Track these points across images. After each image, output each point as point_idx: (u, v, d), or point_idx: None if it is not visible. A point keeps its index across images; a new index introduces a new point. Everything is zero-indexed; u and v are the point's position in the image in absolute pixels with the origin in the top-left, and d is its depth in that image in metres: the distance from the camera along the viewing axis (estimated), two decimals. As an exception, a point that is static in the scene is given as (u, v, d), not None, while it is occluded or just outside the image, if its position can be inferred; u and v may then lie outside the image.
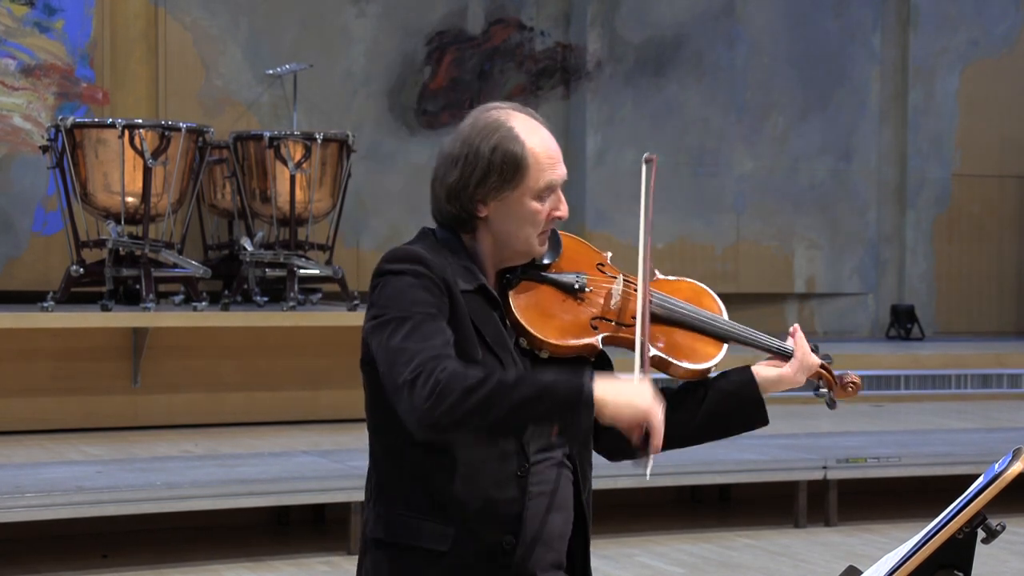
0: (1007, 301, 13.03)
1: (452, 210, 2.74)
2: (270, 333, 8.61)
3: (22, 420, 8.07)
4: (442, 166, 2.76)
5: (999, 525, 2.35)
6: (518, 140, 2.72)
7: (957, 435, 8.61)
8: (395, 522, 2.69)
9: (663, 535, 7.14)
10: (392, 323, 2.60)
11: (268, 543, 6.87)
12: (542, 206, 2.75)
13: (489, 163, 2.71)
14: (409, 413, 2.53)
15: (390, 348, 2.58)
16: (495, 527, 2.67)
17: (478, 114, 2.78)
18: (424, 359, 2.54)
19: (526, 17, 11.46)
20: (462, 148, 2.73)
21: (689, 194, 11.83)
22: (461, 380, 2.51)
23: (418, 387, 2.50)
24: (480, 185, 2.71)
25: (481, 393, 2.50)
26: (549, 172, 2.75)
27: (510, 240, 2.76)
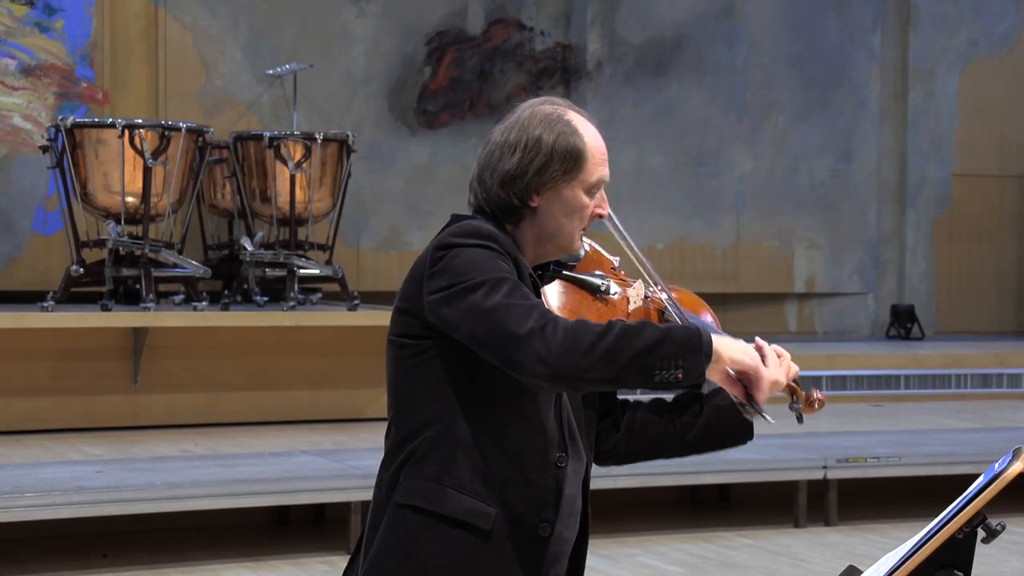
0: (1007, 301, 13.03)
1: (504, 197, 2.75)
2: (270, 333, 8.61)
3: (22, 420, 8.07)
4: (495, 152, 2.77)
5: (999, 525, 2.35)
6: (578, 133, 2.77)
7: (957, 435, 8.60)
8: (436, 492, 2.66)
9: (663, 535, 7.14)
10: (486, 284, 2.59)
11: (268, 543, 6.87)
12: (590, 201, 2.80)
13: (552, 152, 2.74)
14: (542, 359, 2.51)
15: (494, 304, 2.56)
16: (535, 512, 2.69)
17: (535, 106, 2.81)
18: (543, 310, 2.57)
19: (526, 17, 11.46)
20: (520, 135, 2.75)
21: (689, 194, 11.82)
22: (590, 327, 2.54)
23: (548, 333, 2.52)
24: (539, 173, 2.74)
25: (611, 337, 2.52)
26: (602, 168, 2.82)
27: (555, 232, 2.78)
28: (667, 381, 2.55)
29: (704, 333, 2.57)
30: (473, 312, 2.58)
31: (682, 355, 2.54)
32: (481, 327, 2.57)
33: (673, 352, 2.54)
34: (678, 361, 2.54)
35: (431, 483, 2.67)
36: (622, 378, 2.55)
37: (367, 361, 8.50)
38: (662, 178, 11.75)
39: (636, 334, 2.54)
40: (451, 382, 2.67)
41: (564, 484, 2.73)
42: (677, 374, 2.55)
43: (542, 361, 2.52)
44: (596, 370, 2.52)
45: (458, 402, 2.66)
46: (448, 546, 2.66)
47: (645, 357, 2.52)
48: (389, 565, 2.68)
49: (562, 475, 2.72)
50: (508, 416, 2.68)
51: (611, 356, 2.52)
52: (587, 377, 2.54)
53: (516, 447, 2.68)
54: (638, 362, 2.53)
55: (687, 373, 2.55)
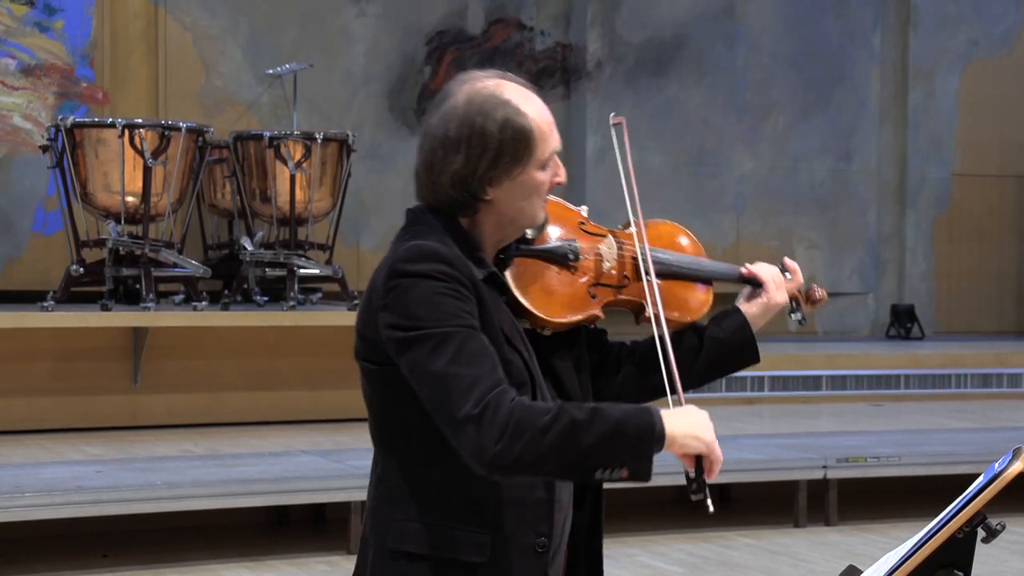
0: (1007, 301, 13.03)
1: (455, 196, 2.56)
2: (270, 333, 8.61)
3: (22, 420, 8.07)
4: (439, 150, 2.55)
5: (999, 525, 2.35)
6: (521, 113, 2.56)
7: (957, 435, 8.60)
8: (427, 532, 2.53)
9: (663, 535, 7.14)
10: (431, 340, 2.42)
11: (268, 543, 6.87)
12: (546, 175, 2.62)
13: (500, 144, 2.54)
14: (476, 453, 2.38)
15: (436, 372, 2.41)
16: (528, 529, 2.57)
17: (466, 88, 2.58)
18: (485, 390, 2.39)
19: (526, 17, 11.46)
20: (462, 129, 2.54)
21: (689, 194, 11.82)
22: (533, 419, 2.38)
23: (485, 425, 2.36)
24: (491, 168, 2.54)
25: (554, 435, 2.37)
26: (552, 140, 2.62)
27: (516, 216, 2.61)
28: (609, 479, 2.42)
29: (658, 424, 2.43)
30: (416, 372, 2.44)
31: (630, 453, 2.42)
32: (424, 392, 2.44)
33: (624, 450, 2.41)
34: (624, 459, 2.42)
35: (420, 524, 2.54)
36: (562, 475, 2.47)
37: (367, 361, 8.48)
38: (662, 178, 11.74)
39: (584, 430, 2.38)
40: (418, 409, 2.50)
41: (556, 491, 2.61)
42: (621, 472, 2.42)
43: (476, 455, 2.38)
44: (533, 469, 2.40)
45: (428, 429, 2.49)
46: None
47: (588, 458, 2.39)
48: None
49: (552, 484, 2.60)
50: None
51: (551, 457, 2.38)
52: (522, 473, 2.41)
53: None
54: (581, 464, 2.40)
55: (633, 472, 2.43)
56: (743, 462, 7.38)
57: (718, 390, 9.79)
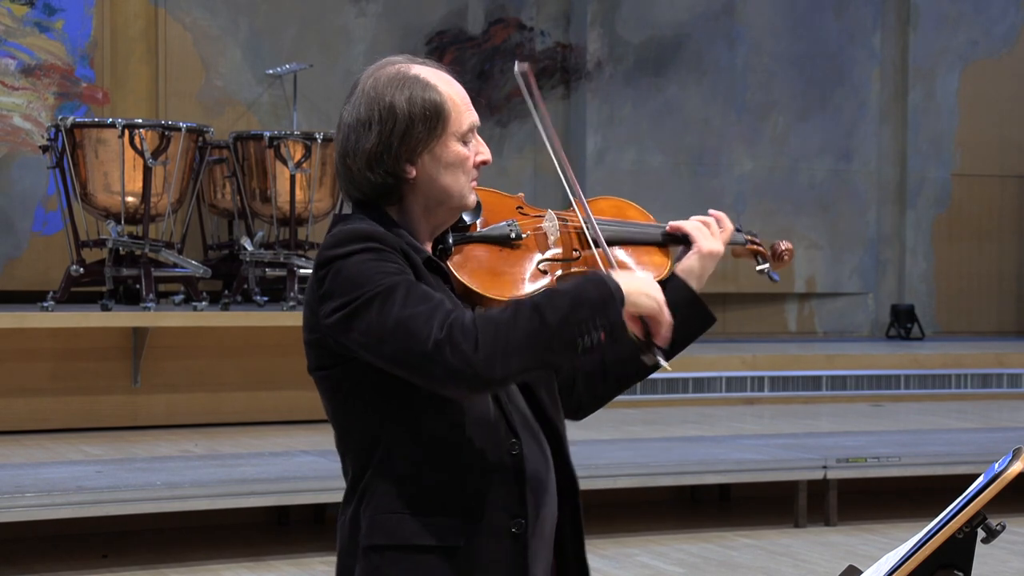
0: (1007, 301, 13.03)
1: (376, 179, 2.51)
2: (270, 333, 8.61)
3: (22, 420, 8.07)
4: (352, 135, 2.54)
5: (999, 525, 2.35)
6: (431, 86, 2.53)
7: (957, 435, 8.60)
8: (397, 523, 2.51)
9: (663, 535, 7.13)
10: (377, 298, 2.38)
11: (268, 543, 6.87)
12: (468, 151, 2.55)
13: (409, 115, 2.50)
14: (460, 371, 2.32)
15: (392, 321, 2.36)
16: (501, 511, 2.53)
17: (374, 72, 2.59)
18: (445, 313, 2.35)
19: (526, 17, 11.46)
20: (371, 108, 2.53)
21: (689, 194, 11.82)
22: (496, 320, 2.34)
23: (456, 339, 2.32)
24: (404, 141, 2.50)
25: (523, 323, 2.33)
26: (468, 113, 2.56)
27: (443, 195, 2.54)
28: (592, 346, 2.36)
29: (612, 281, 2.39)
30: (373, 334, 2.38)
31: (599, 313, 2.36)
32: (387, 350, 2.37)
33: (593, 312, 2.35)
34: (596, 321, 2.36)
35: (390, 515, 2.52)
36: (549, 361, 2.39)
37: (367, 361, 8.49)
38: (662, 178, 11.75)
39: (547, 309, 2.35)
40: (376, 405, 2.50)
41: (525, 470, 2.55)
42: (600, 335, 2.36)
43: (459, 373, 2.33)
44: (520, 362, 2.34)
45: (389, 424, 2.50)
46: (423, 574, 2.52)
47: (563, 331, 2.35)
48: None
49: (519, 462, 2.55)
50: (443, 423, 2.50)
51: (531, 343, 2.34)
52: (513, 372, 2.36)
53: (461, 452, 2.51)
54: (559, 339, 2.34)
55: (610, 329, 2.37)
56: (743, 462, 7.38)
57: (718, 390, 9.80)
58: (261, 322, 8.53)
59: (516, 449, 2.56)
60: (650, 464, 7.05)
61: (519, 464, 2.56)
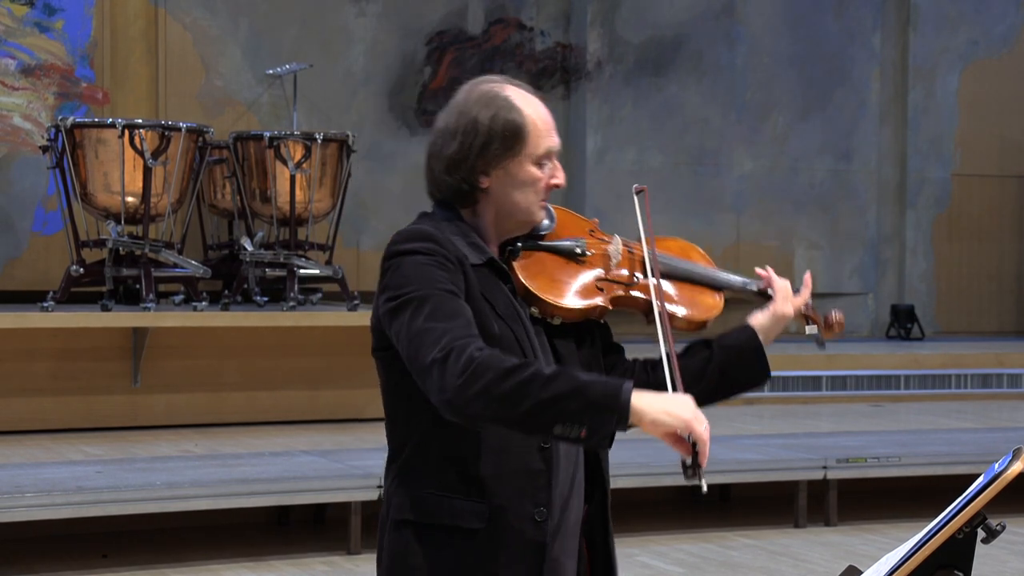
0: (1007, 301, 13.03)
1: (453, 182, 2.73)
2: (270, 333, 8.61)
3: (22, 420, 8.07)
4: (439, 140, 2.77)
5: (999, 525, 2.35)
6: (516, 108, 2.73)
7: (957, 435, 8.60)
8: (426, 502, 2.66)
9: (663, 535, 7.14)
10: (412, 303, 2.57)
11: (268, 543, 6.87)
12: (542, 173, 2.75)
13: (490, 131, 2.71)
14: (438, 392, 2.48)
15: (414, 330, 2.55)
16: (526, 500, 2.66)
17: (471, 87, 2.79)
18: (453, 337, 2.51)
19: (526, 17, 11.46)
20: (459, 119, 2.75)
21: (689, 194, 11.82)
22: (497, 362, 2.46)
23: (449, 364, 2.47)
24: (482, 154, 2.71)
25: (516, 379, 2.44)
26: (547, 139, 2.75)
27: (512, 209, 2.75)
28: (568, 437, 2.45)
29: (624, 394, 2.44)
30: (399, 336, 2.59)
31: (589, 414, 2.43)
32: (404, 353, 2.58)
33: (579, 409, 2.43)
34: (583, 419, 2.43)
35: (420, 493, 2.67)
36: (520, 426, 2.48)
37: (367, 361, 8.38)
38: (662, 178, 11.74)
39: (545, 382, 2.44)
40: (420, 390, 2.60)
41: (554, 463, 2.68)
42: (580, 432, 2.44)
43: (438, 393, 2.48)
44: (491, 412, 2.46)
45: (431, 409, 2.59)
46: (446, 552, 2.65)
47: (546, 410, 2.44)
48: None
49: (550, 455, 2.68)
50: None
51: (509, 401, 2.44)
52: (481, 417, 2.48)
53: (496, 439, 2.64)
54: (538, 413, 2.44)
55: (591, 433, 2.44)
56: (743, 462, 7.39)
57: (718, 390, 9.79)
58: (261, 322, 8.53)
59: (547, 442, 2.68)
60: (650, 464, 7.05)
61: (549, 456, 2.69)
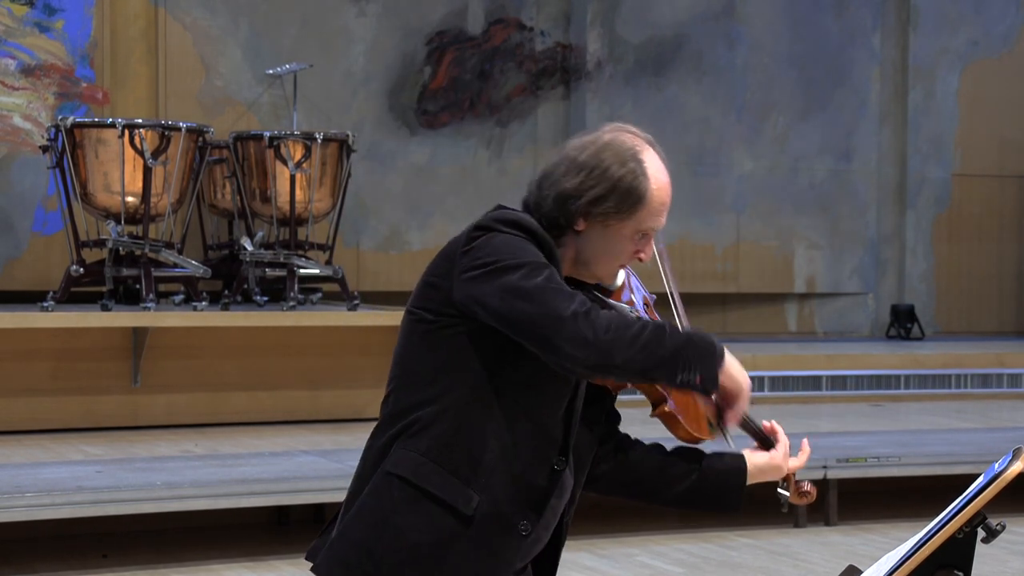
0: (1007, 301, 13.03)
1: (553, 212, 2.73)
2: (270, 333, 8.61)
3: (22, 420, 8.06)
4: (562, 166, 2.76)
5: (999, 525, 2.36)
6: (647, 176, 2.75)
7: (957, 435, 8.60)
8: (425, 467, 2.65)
9: (663, 535, 7.13)
10: (525, 267, 2.59)
11: (268, 543, 6.87)
12: (634, 245, 2.78)
13: (614, 187, 2.72)
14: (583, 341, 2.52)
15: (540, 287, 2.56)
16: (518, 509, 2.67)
17: (617, 134, 2.83)
18: (584, 297, 2.58)
19: (526, 17, 11.46)
20: (591, 159, 2.74)
21: (689, 194, 11.82)
22: (628, 320, 2.59)
23: (593, 318, 2.54)
24: (595, 203, 2.72)
25: (648, 333, 2.56)
26: (656, 219, 2.78)
27: (591, 262, 2.77)
28: (687, 383, 2.60)
29: (718, 343, 2.63)
30: (510, 291, 2.57)
31: (703, 360, 2.59)
32: (519, 307, 2.56)
33: (696, 356, 2.59)
34: (699, 365, 2.59)
35: (422, 457, 2.65)
36: (652, 373, 2.60)
37: (367, 361, 8.50)
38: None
39: (667, 334, 2.59)
40: (461, 364, 2.65)
41: (554, 489, 2.72)
42: (696, 377, 2.59)
43: (585, 343, 2.53)
44: (634, 361, 2.56)
45: (464, 385, 2.64)
46: (427, 522, 2.64)
47: (675, 357, 2.57)
48: (364, 530, 2.67)
49: (556, 479, 2.72)
50: (512, 408, 2.66)
51: (649, 350, 2.55)
52: (623, 366, 2.57)
53: (513, 440, 2.66)
54: (670, 361, 2.57)
55: (704, 378, 2.60)
56: (743, 462, 7.37)
57: (718, 390, 9.78)
58: (261, 322, 8.53)
59: (560, 465, 2.73)
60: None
61: (555, 479, 2.72)
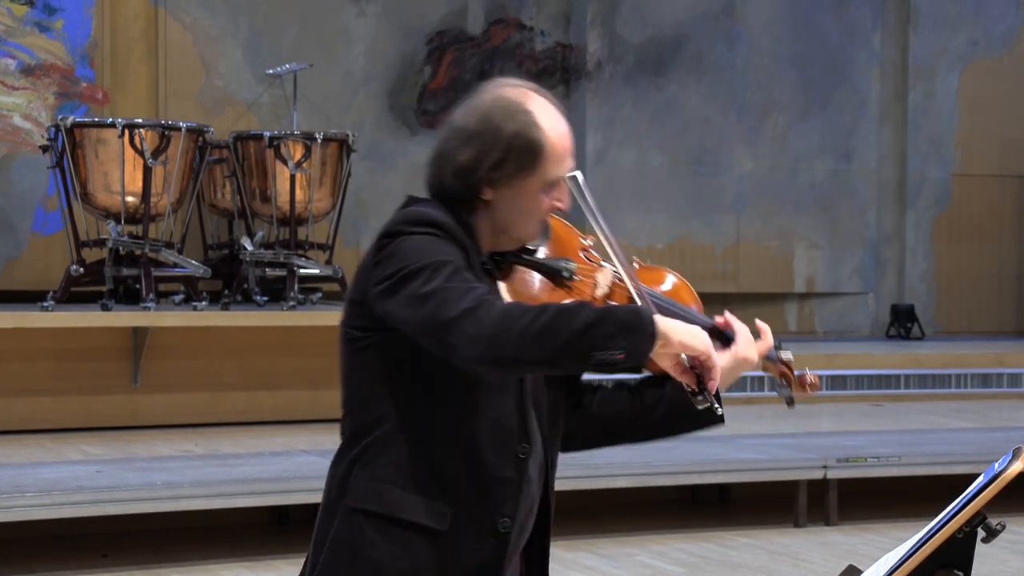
0: (1007, 301, 13.03)
1: (456, 189, 2.61)
2: (270, 333, 8.61)
3: (22, 420, 8.07)
4: (453, 140, 2.62)
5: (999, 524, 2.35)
6: (538, 127, 2.60)
7: (957, 435, 8.60)
8: (390, 493, 2.57)
9: (663, 535, 7.13)
10: (428, 269, 2.46)
11: (268, 543, 6.87)
12: (547, 197, 2.64)
13: (508, 148, 2.58)
14: (471, 342, 2.38)
15: (434, 289, 2.43)
16: (493, 509, 2.58)
17: (496, 91, 2.65)
18: (481, 293, 2.42)
19: (526, 17, 11.46)
20: (480, 125, 2.59)
21: (689, 194, 11.82)
22: (524, 307, 2.41)
23: (481, 312, 2.38)
24: (494, 169, 2.58)
25: (545, 317, 2.37)
26: (562, 165, 2.64)
27: (509, 227, 2.63)
28: (607, 362, 2.39)
29: (648, 313, 2.43)
30: (411, 299, 2.46)
31: (623, 335, 2.38)
32: (418, 314, 2.44)
33: (612, 332, 2.38)
34: (619, 341, 2.38)
35: (384, 484, 2.57)
36: (558, 360, 2.40)
37: (367, 361, 8.49)
38: (662, 178, 11.74)
39: (573, 314, 2.39)
40: (401, 377, 2.56)
41: (525, 477, 2.61)
42: (617, 355, 2.39)
43: (474, 342, 2.38)
44: (531, 352, 2.37)
45: (409, 397, 2.55)
46: (403, 550, 2.56)
47: (582, 337, 2.37)
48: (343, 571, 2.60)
49: (523, 467, 2.61)
50: (462, 410, 2.56)
51: (545, 337, 2.36)
52: (522, 359, 2.39)
53: (472, 442, 2.56)
54: (575, 343, 2.37)
55: (629, 353, 2.39)
56: (743, 462, 7.38)
57: (718, 390, 9.78)
58: (261, 322, 8.53)
59: (524, 453, 2.62)
60: (650, 464, 7.04)
61: (523, 468, 2.61)
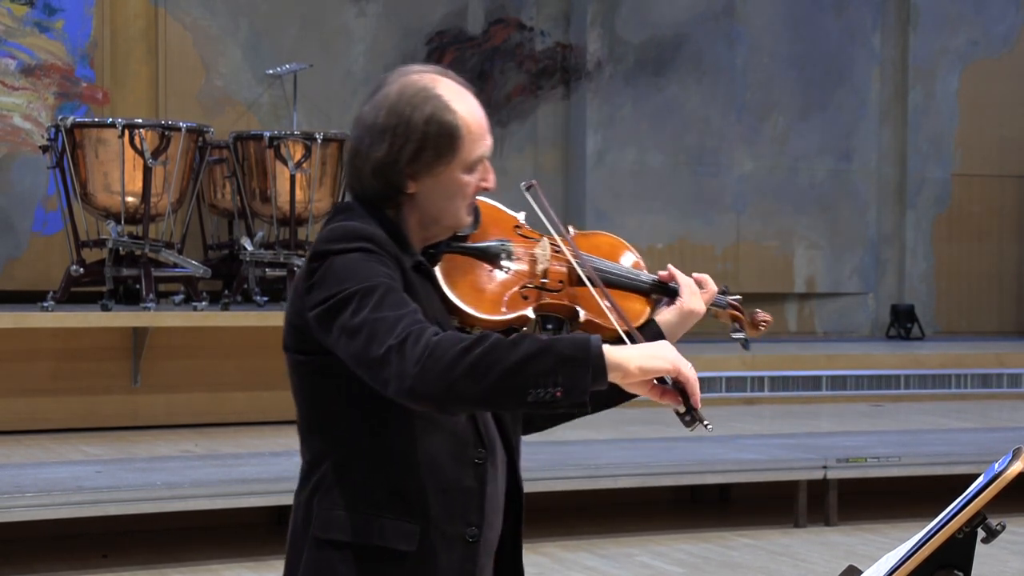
0: (1007, 301, 13.03)
1: (377, 186, 2.54)
2: (270, 333, 8.60)
3: (22, 420, 8.07)
4: (365, 137, 2.55)
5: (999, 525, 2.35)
6: (450, 110, 2.53)
7: (957, 435, 8.60)
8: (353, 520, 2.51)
9: (663, 535, 7.13)
10: (356, 296, 2.38)
11: (268, 543, 6.86)
12: (472, 178, 2.56)
13: (423, 136, 2.51)
14: (398, 380, 2.30)
15: (363, 321, 2.35)
16: (458, 519, 2.53)
17: (401, 80, 2.60)
18: (408, 324, 2.33)
19: (526, 17, 11.46)
20: (389, 118, 2.53)
21: (689, 194, 11.82)
22: (455, 340, 2.30)
23: (408, 349, 2.29)
24: (413, 161, 2.51)
25: (478, 351, 2.27)
26: (481, 144, 2.56)
27: (438, 216, 2.56)
28: (544, 401, 2.28)
29: (596, 345, 2.31)
30: (342, 331, 2.39)
31: (562, 370, 2.28)
32: (350, 348, 2.38)
33: (550, 367, 2.28)
34: (556, 378, 2.28)
35: (346, 512, 2.51)
36: (491, 399, 2.32)
37: (367, 361, 8.49)
38: (662, 178, 11.74)
39: (509, 347, 2.28)
40: (349, 399, 2.49)
41: (487, 482, 2.56)
42: (555, 392, 2.28)
43: (399, 380, 2.30)
44: (458, 390, 2.28)
45: (359, 418, 2.49)
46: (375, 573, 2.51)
47: (516, 374, 2.28)
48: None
49: (483, 472, 2.55)
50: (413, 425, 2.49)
51: (475, 374, 2.27)
52: (450, 397, 2.30)
53: (428, 455, 2.50)
54: (508, 380, 2.28)
55: (567, 391, 2.28)
56: (743, 462, 7.38)
57: (718, 390, 9.80)
58: (261, 322, 8.53)
59: (481, 458, 2.56)
60: (650, 464, 7.05)
61: (482, 474, 2.56)
